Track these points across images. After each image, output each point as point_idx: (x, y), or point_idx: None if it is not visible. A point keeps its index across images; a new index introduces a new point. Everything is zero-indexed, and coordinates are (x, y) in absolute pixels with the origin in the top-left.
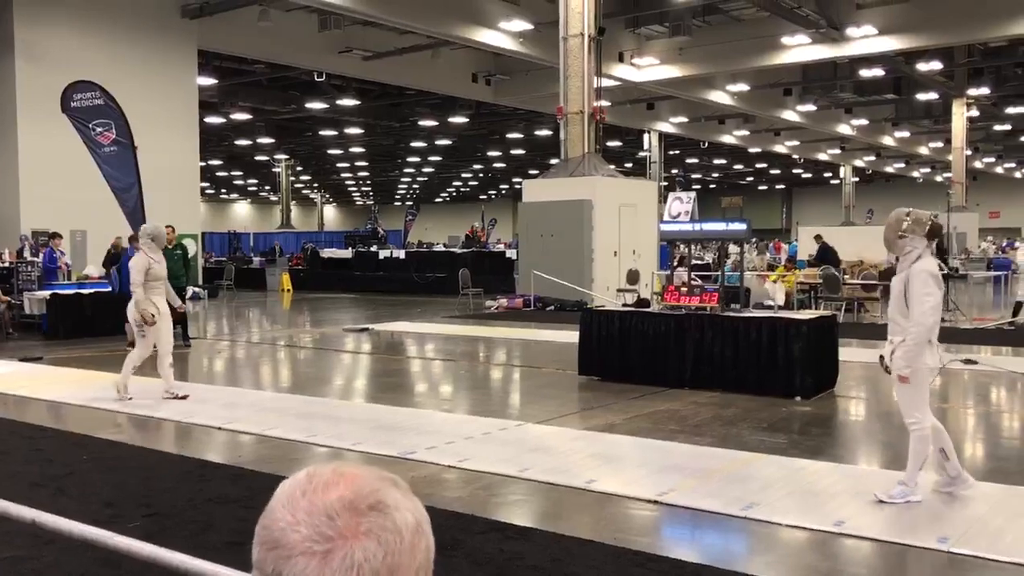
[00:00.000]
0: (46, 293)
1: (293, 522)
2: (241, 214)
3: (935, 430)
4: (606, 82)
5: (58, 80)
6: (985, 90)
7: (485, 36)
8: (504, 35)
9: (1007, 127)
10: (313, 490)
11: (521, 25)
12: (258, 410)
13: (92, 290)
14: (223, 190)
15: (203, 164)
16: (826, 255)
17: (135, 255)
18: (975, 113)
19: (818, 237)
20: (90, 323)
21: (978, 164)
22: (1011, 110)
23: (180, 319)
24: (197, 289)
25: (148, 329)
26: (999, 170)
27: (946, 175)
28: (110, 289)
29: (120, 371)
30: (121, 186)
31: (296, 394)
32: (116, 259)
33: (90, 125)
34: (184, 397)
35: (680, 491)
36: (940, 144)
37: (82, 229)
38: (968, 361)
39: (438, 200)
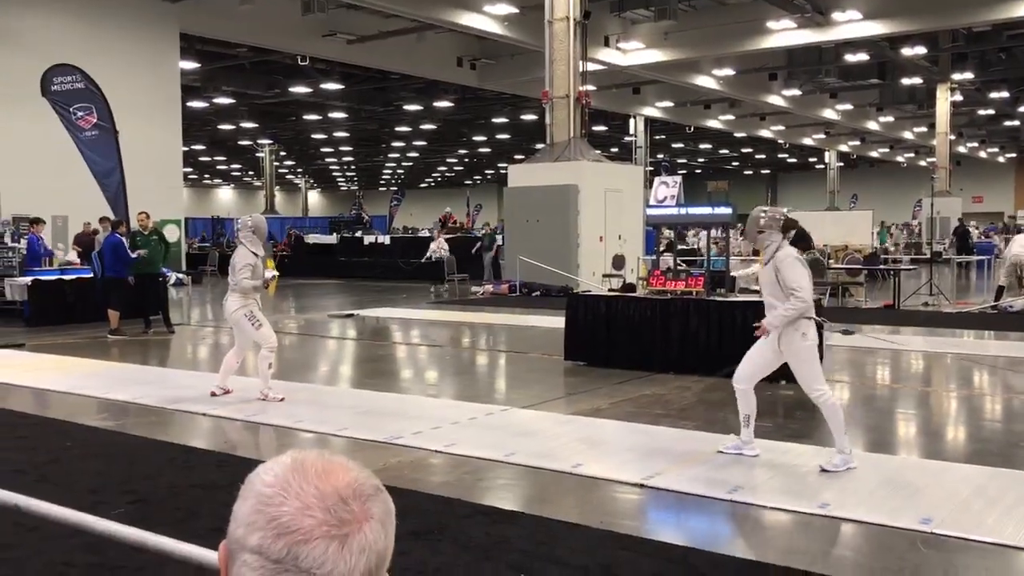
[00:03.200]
0: (27, 279)
1: (303, 507)
2: (225, 199)
3: (746, 395)
4: (591, 66)
5: (38, 63)
6: (969, 75)
7: (470, 20)
8: (489, 19)
9: (991, 112)
10: (315, 476)
11: (506, 8)
12: (243, 396)
13: (74, 276)
14: (206, 175)
15: (186, 149)
16: (800, 240)
17: (238, 249)
18: (959, 98)
19: (795, 222)
20: (72, 309)
21: (962, 149)
22: (995, 95)
23: (162, 305)
24: (180, 275)
25: (253, 329)
26: (983, 155)
27: (930, 160)
28: (92, 275)
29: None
30: (102, 170)
31: (281, 380)
32: (93, 244)
33: (71, 109)
34: (281, 399)
35: (666, 475)
36: (924, 129)
37: (63, 214)
38: (846, 332)
39: (423, 185)
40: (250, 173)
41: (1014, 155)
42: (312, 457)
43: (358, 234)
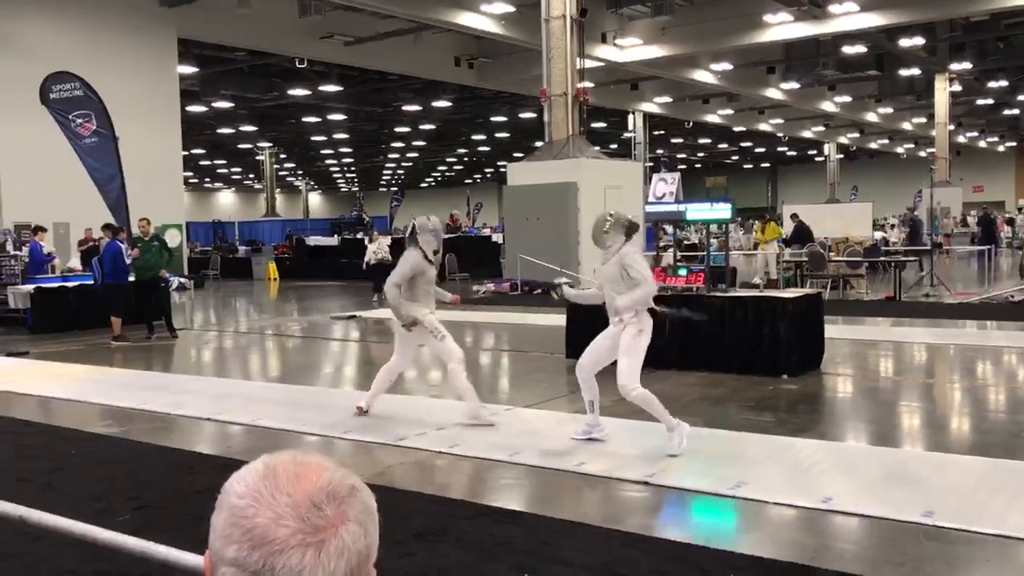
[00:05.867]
0: (30, 287)
1: (276, 516)
2: (225, 203)
3: (587, 383)
4: (589, 63)
5: (36, 71)
6: (967, 65)
7: (467, 19)
8: (486, 18)
9: (989, 101)
10: (286, 482)
11: (503, 7)
12: (247, 400)
13: (76, 283)
14: (207, 179)
15: (186, 153)
16: (800, 234)
17: (407, 251)
18: (957, 88)
19: (794, 216)
20: (75, 317)
21: (961, 139)
22: (993, 84)
23: (165, 310)
24: (183, 280)
25: (436, 342)
26: (982, 144)
27: (929, 150)
28: (93, 282)
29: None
30: (103, 177)
31: (285, 383)
32: (95, 251)
33: (70, 116)
34: (491, 425)
35: (669, 472)
36: (923, 120)
37: (65, 221)
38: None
39: (423, 185)
40: (250, 176)
41: (1014, 144)
42: (284, 461)
43: (359, 235)
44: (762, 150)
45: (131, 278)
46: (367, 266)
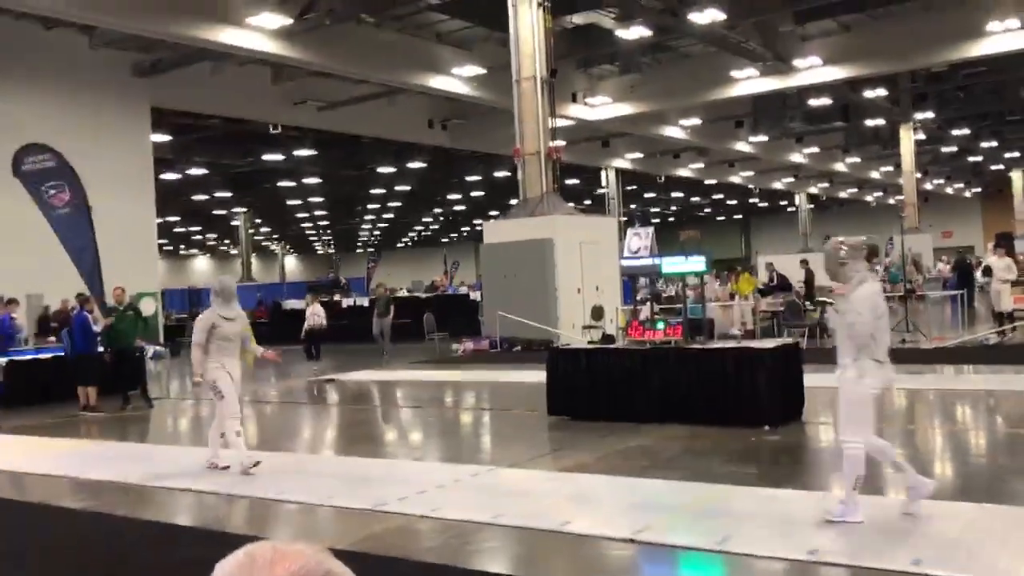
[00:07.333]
0: (2, 360)
1: None
2: (201, 269)
3: (877, 448)
4: (561, 122)
5: (8, 143)
6: (930, 114)
7: (439, 82)
8: (458, 80)
9: (953, 149)
10: (259, 568)
11: (474, 70)
12: (232, 469)
13: (50, 355)
14: (182, 245)
15: (160, 220)
16: (784, 283)
17: (203, 312)
18: (922, 136)
19: (769, 266)
20: (48, 389)
21: (928, 186)
22: (956, 132)
23: (140, 379)
24: (159, 348)
25: (215, 397)
26: (949, 191)
27: (898, 198)
28: (64, 353)
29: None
30: (76, 247)
31: (264, 450)
32: (66, 322)
33: (42, 188)
34: (226, 468)
35: (655, 528)
36: (890, 168)
37: (39, 293)
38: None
39: (399, 245)
40: (226, 241)
41: (979, 189)
42: (263, 550)
43: (336, 297)
44: (734, 202)
45: (100, 349)
46: (305, 333)
